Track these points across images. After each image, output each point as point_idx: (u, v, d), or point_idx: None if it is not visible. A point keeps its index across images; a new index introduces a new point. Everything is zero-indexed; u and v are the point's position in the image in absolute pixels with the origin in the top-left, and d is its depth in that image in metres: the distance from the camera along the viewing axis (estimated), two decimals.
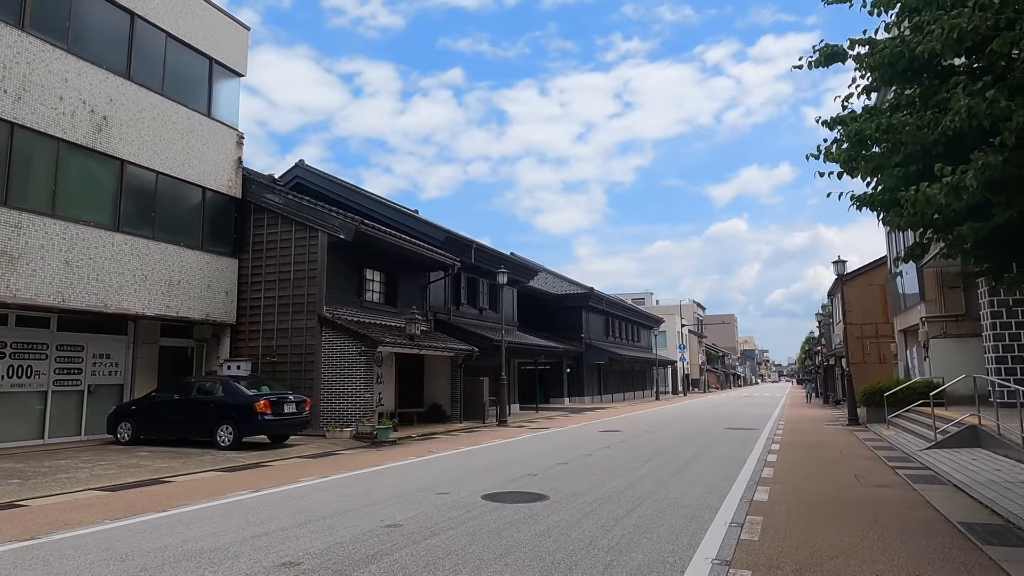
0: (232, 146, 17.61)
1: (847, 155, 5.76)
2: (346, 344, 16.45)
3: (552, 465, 10.67)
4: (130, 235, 14.56)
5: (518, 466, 10.61)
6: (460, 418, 20.95)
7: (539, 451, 13.01)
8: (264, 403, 12.91)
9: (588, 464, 10.80)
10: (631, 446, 13.70)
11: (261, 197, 17.81)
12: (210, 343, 17.58)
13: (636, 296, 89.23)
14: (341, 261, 17.77)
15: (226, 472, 10.64)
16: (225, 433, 12.97)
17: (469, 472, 10.05)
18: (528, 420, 23.48)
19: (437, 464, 11.27)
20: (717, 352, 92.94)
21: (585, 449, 13.16)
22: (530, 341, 27.89)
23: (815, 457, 12.01)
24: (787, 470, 10.20)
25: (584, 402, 37.92)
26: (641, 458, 11.58)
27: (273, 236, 17.65)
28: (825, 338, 44.19)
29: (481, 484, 8.79)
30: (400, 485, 8.86)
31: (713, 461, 11.16)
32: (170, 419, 13.61)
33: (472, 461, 11.54)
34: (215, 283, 16.79)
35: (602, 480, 9.07)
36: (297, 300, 17.08)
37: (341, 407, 16.26)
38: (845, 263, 21.86)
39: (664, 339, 64.56)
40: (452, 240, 23.39)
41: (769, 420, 22.00)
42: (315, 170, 25.24)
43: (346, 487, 8.80)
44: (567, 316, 39.17)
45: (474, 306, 26.16)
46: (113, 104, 14.33)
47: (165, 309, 15.29)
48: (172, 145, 15.75)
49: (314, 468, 11.01)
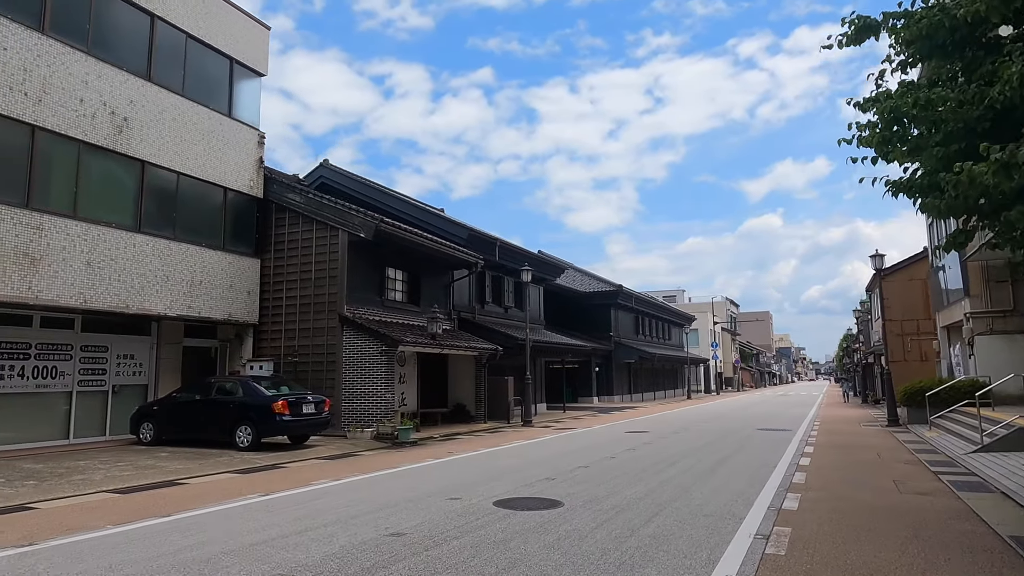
0: (253, 146, 17.59)
1: (881, 137, 5.28)
2: (367, 344, 16.29)
3: (572, 468, 10.30)
4: (151, 236, 14.59)
5: (537, 469, 10.27)
6: (484, 418, 20.67)
7: (561, 453, 12.64)
8: (282, 403, 12.78)
9: (610, 467, 10.40)
10: (657, 448, 13.24)
11: (282, 196, 17.76)
12: (233, 343, 17.60)
13: (667, 294, 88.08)
14: (362, 260, 17.62)
15: (240, 474, 10.50)
16: (244, 434, 12.88)
17: (486, 475, 9.74)
18: (554, 420, 23.10)
19: (455, 466, 10.99)
20: (751, 350, 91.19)
21: (609, 451, 12.75)
22: (556, 340, 27.49)
23: (851, 461, 11.41)
24: (820, 475, 9.66)
25: (613, 401, 37.37)
26: (666, 461, 11.13)
27: (295, 235, 17.58)
28: (863, 335, 42.86)
29: (496, 488, 8.47)
30: (413, 489, 8.59)
31: (742, 465, 10.65)
32: (190, 420, 13.58)
33: (491, 463, 11.23)
34: (237, 283, 16.77)
35: (623, 485, 8.67)
36: (318, 300, 16.97)
37: (362, 407, 16.11)
38: (883, 257, 20.98)
39: (696, 337, 63.49)
40: (476, 238, 23.12)
41: (804, 420, 21.26)
42: (339, 169, 25.22)
43: (357, 491, 8.56)
44: (596, 314, 38.65)
45: (499, 305, 25.87)
46: (134, 105, 14.37)
47: (187, 309, 15.30)
48: (193, 146, 15.76)
49: (330, 470, 10.81)
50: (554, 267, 29.85)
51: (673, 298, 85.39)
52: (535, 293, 29.00)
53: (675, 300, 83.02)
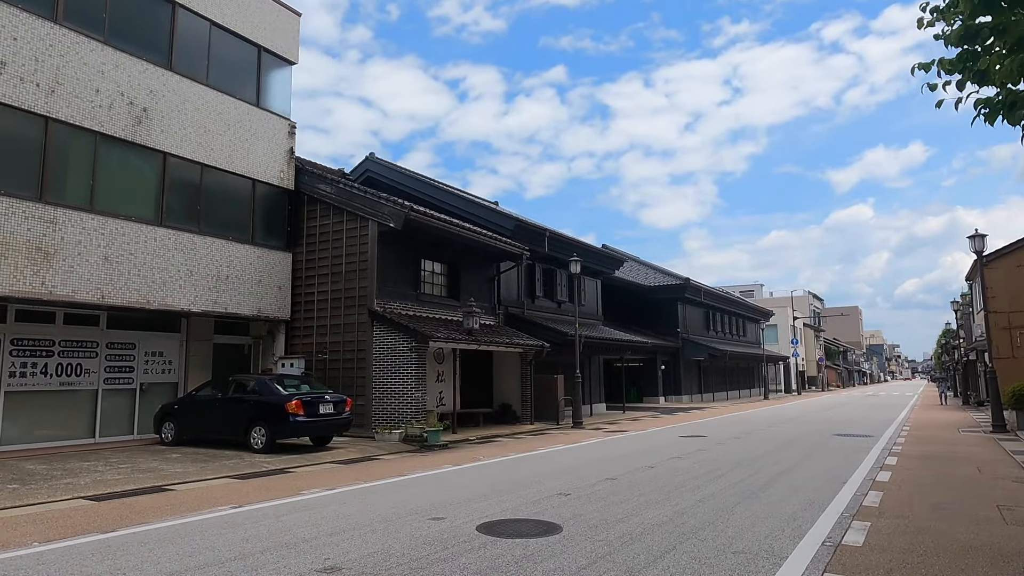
0: (284, 136, 17.01)
1: (961, 33, 3.68)
2: (397, 340, 15.36)
3: (597, 481, 8.91)
4: (174, 229, 14.15)
5: (556, 481, 8.94)
6: (531, 419, 19.42)
7: (595, 460, 11.24)
8: (296, 403, 11.98)
9: (642, 480, 8.95)
10: (708, 457, 11.62)
11: (314, 188, 17.10)
12: (266, 340, 17.09)
13: (745, 288, 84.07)
14: (395, 252, 16.73)
15: (239, 480, 9.71)
16: (258, 435, 12.17)
17: (495, 487, 8.51)
18: (609, 422, 21.58)
19: (469, 475, 9.81)
20: (838, 347, 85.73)
21: (650, 460, 11.25)
22: (613, 335, 25.88)
23: (943, 476, 9.47)
24: (900, 496, 7.89)
25: (681, 402, 35.30)
26: (712, 473, 9.55)
27: (326, 228, 16.88)
28: (964, 330, 38.85)
29: (495, 506, 7.23)
30: (402, 504, 7.46)
31: (803, 480, 8.96)
32: (209, 419, 13.02)
33: (510, 472, 9.99)
34: (266, 278, 16.22)
35: (648, 504, 7.24)
36: (349, 294, 16.19)
37: (392, 407, 15.19)
38: (984, 238, 18.25)
39: (774, 333, 59.93)
40: (522, 228, 21.88)
41: (891, 425, 18.88)
42: (384, 163, 24.56)
43: (340, 505, 7.51)
44: (662, 310, 36.67)
45: (551, 299, 24.53)
46: (154, 96, 13.96)
47: (213, 305, 14.81)
48: (218, 137, 15.28)
49: (335, 477, 9.87)
50: (611, 259, 28.21)
51: (751, 293, 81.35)
52: (591, 287, 27.49)
53: (753, 295, 79.05)
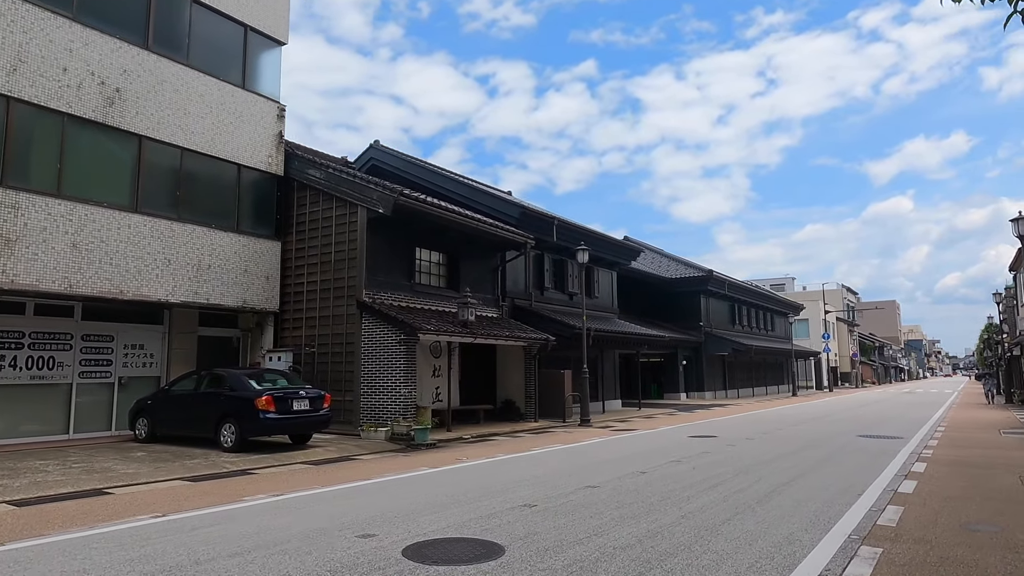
0: (272, 119, 16.26)
1: None
2: (386, 332, 14.51)
3: (574, 489, 7.90)
4: (150, 216, 13.48)
5: (528, 489, 7.95)
6: (535, 416, 18.44)
7: (584, 464, 10.22)
8: (266, 399, 11.19)
9: (627, 489, 7.92)
10: (711, 461, 10.51)
11: (304, 173, 16.32)
12: (254, 333, 16.40)
13: (776, 282, 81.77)
14: (387, 240, 15.88)
15: (189, 482, 8.95)
16: (228, 433, 11.42)
17: (456, 496, 7.56)
18: (620, 419, 20.48)
19: (440, 480, 8.89)
20: (873, 342, 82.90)
21: (646, 463, 10.19)
22: (628, 329, 24.72)
23: (978, 488, 8.23)
24: (926, 513, 6.72)
25: (704, 398, 33.94)
26: (709, 481, 8.47)
27: (315, 215, 16.10)
28: (1008, 324, 36.69)
29: (445, 520, 6.28)
30: (340, 516, 6.56)
31: (813, 490, 7.82)
32: (182, 415, 12.34)
33: (484, 478, 9.03)
34: (253, 267, 15.50)
35: (619, 520, 6.22)
36: (338, 284, 15.39)
37: (381, 403, 14.35)
38: None
39: (806, 328, 57.94)
40: (529, 216, 20.87)
41: (924, 425, 17.44)
42: (389, 150, 23.77)
43: (270, 516, 6.64)
44: (684, 303, 35.32)
45: (562, 291, 23.47)
46: (127, 76, 13.28)
47: (193, 296, 14.14)
48: (200, 119, 14.57)
49: (294, 481, 9.04)
50: (627, 250, 27.01)
51: (782, 286, 79.00)
52: (606, 278, 26.35)
53: (784, 288, 76.76)
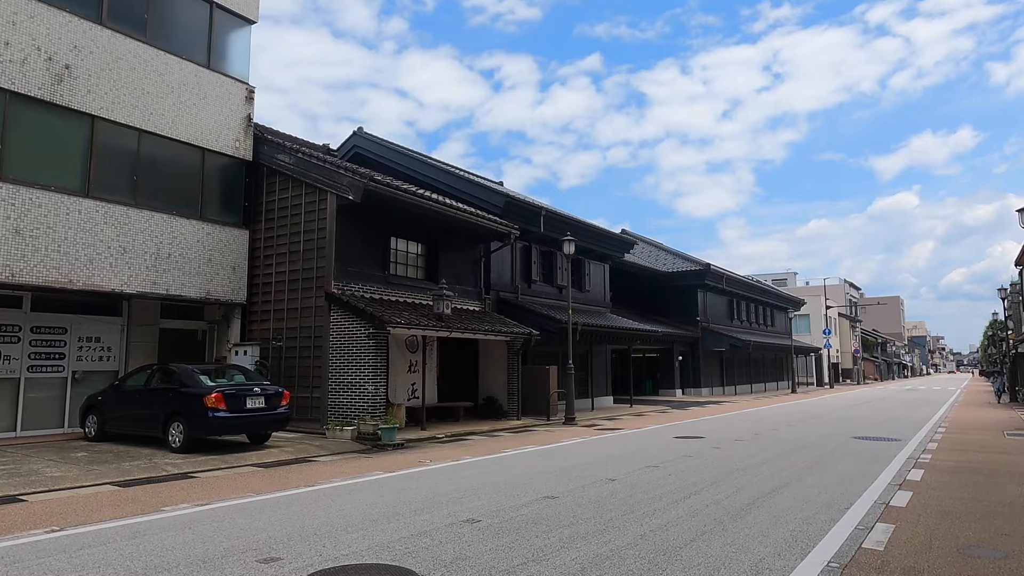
0: (240, 102, 15.46)
1: None
2: (354, 326, 13.75)
3: (529, 501, 7.14)
4: (104, 201, 12.72)
5: (479, 500, 7.19)
6: (518, 414, 17.68)
7: (552, 470, 9.46)
8: (216, 397, 10.43)
9: (588, 500, 7.15)
10: (690, 466, 9.73)
11: (273, 158, 15.54)
12: (220, 325, 15.65)
13: (777, 277, 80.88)
14: (360, 229, 15.10)
15: (119, 488, 8.23)
16: (176, 432, 10.68)
17: (397, 508, 6.81)
18: (608, 417, 19.71)
19: (389, 486, 8.13)
20: (876, 339, 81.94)
21: (620, 468, 9.42)
22: (620, 324, 23.92)
23: (980, 500, 7.44)
24: (919, 533, 5.94)
25: (700, 395, 33.16)
26: (683, 491, 7.69)
27: (284, 202, 15.33)
28: (1013, 320, 35.80)
29: (369, 539, 5.53)
30: (255, 532, 5.81)
31: (794, 503, 7.04)
32: (130, 412, 11.60)
33: (439, 485, 8.27)
34: (218, 257, 14.74)
35: (568, 541, 5.45)
36: (307, 275, 14.63)
37: (349, 401, 13.61)
38: None
39: (807, 323, 57.07)
40: (515, 206, 20.06)
41: (924, 426, 16.63)
42: (373, 137, 22.95)
43: (177, 531, 5.89)
44: (680, 297, 34.53)
45: (551, 284, 22.67)
46: (78, 52, 12.50)
47: (151, 286, 13.39)
48: (159, 100, 13.79)
49: (233, 487, 8.31)
50: (620, 242, 26.17)
51: (784, 281, 78.09)
52: (598, 271, 25.54)
53: (786, 283, 75.89)
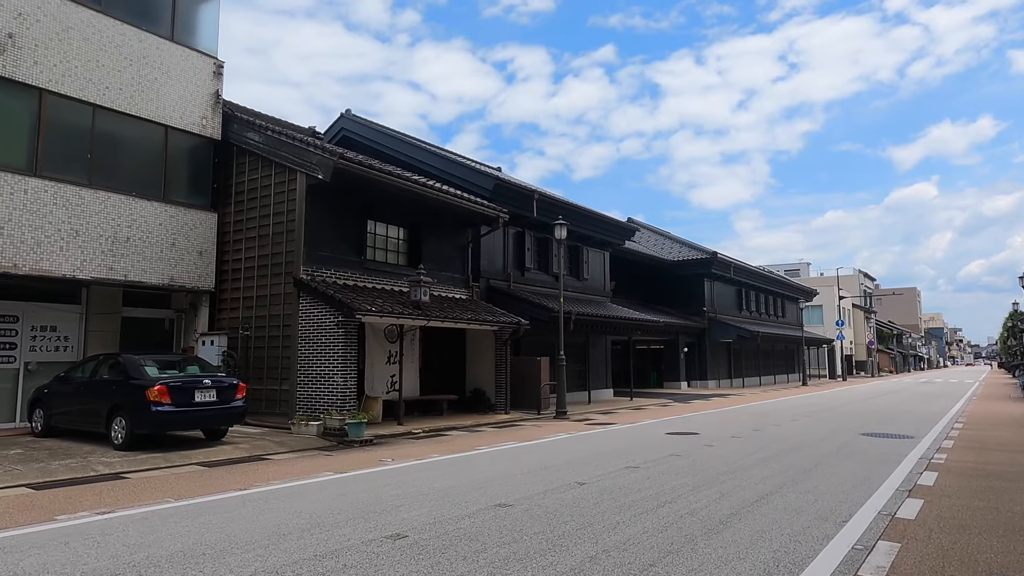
0: (207, 77, 14.58)
1: None
2: (323, 314, 12.87)
3: (479, 509, 6.20)
4: (53, 181, 11.89)
5: (418, 509, 6.27)
6: (506, 408, 16.75)
7: (519, 472, 8.52)
8: (159, 390, 9.57)
9: (546, 510, 6.20)
10: (675, 467, 8.75)
11: (243, 137, 14.65)
12: (188, 314, 14.83)
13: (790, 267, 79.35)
14: (333, 211, 14.20)
15: (34, 491, 7.44)
16: (119, 427, 9.85)
17: (319, 519, 5.91)
18: (604, 411, 18.75)
19: (329, 490, 7.24)
20: (892, 330, 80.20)
21: (596, 470, 8.47)
22: (619, 313, 22.91)
23: (1002, 512, 6.40)
24: (929, 556, 4.94)
25: (707, 387, 32.10)
26: (659, 497, 6.73)
27: (254, 183, 14.44)
28: None
29: (264, 560, 4.64)
30: (136, 551, 4.94)
31: (783, 514, 6.06)
32: (75, 406, 10.79)
33: (384, 489, 7.37)
34: (182, 241, 13.90)
35: (499, 565, 4.52)
36: (276, 260, 13.75)
37: (318, 393, 12.75)
38: None
39: (819, 314, 55.68)
40: (505, 189, 19.06)
41: (940, 421, 15.52)
42: (361, 120, 22.06)
43: (56, 547, 5.03)
44: (686, 287, 33.41)
45: (546, 271, 21.69)
46: (23, 20, 11.65)
47: (108, 272, 12.57)
48: (116, 74, 12.93)
49: (160, 490, 7.47)
50: (620, 228, 25.10)
51: (797, 272, 76.57)
52: (596, 259, 24.51)
53: (799, 274, 74.38)
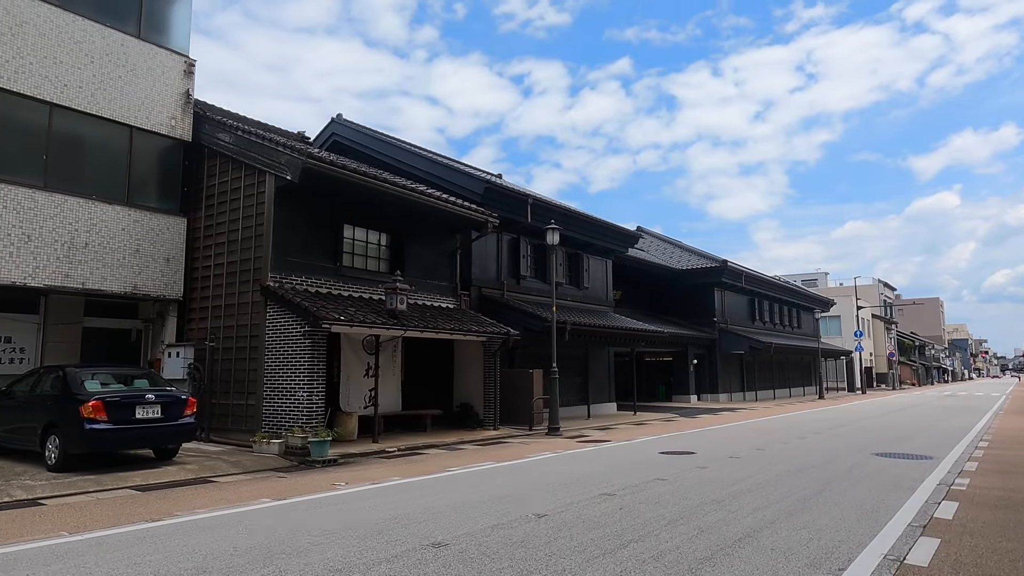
0: (177, 76, 13.93)
1: None
2: (291, 323, 12.05)
3: (405, 551, 5.26)
4: (2, 183, 11.24)
5: (333, 551, 5.34)
6: (495, 423, 15.79)
7: (479, 500, 7.56)
8: (93, 405, 8.77)
9: (484, 551, 5.25)
10: (657, 494, 7.74)
11: (214, 138, 13.96)
12: (156, 324, 14.09)
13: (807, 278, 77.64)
14: (306, 215, 13.42)
15: None
16: (53, 446, 9.06)
17: (206, 564, 5.01)
18: (602, 427, 17.71)
19: (246, 524, 6.35)
20: (914, 341, 78.05)
21: (563, 499, 7.49)
22: (621, 324, 21.89)
23: None
24: None
25: (718, 401, 30.86)
26: (624, 535, 5.74)
27: (224, 186, 13.73)
28: None
29: None
30: None
31: (767, 560, 5.06)
32: (11, 423, 10.02)
33: (312, 521, 6.46)
34: (148, 247, 13.19)
35: None
36: (244, 267, 12.99)
37: (285, 409, 11.89)
38: None
39: (837, 325, 54.14)
40: (497, 193, 18.22)
41: (963, 439, 14.30)
42: (352, 125, 21.37)
43: None
44: (695, 296, 32.29)
45: (544, 280, 20.75)
46: None
47: (63, 279, 11.87)
48: (76, 71, 12.30)
49: (61, 521, 6.64)
50: (623, 235, 24.11)
51: (814, 282, 74.85)
52: (598, 267, 23.55)
53: (816, 284, 72.69)
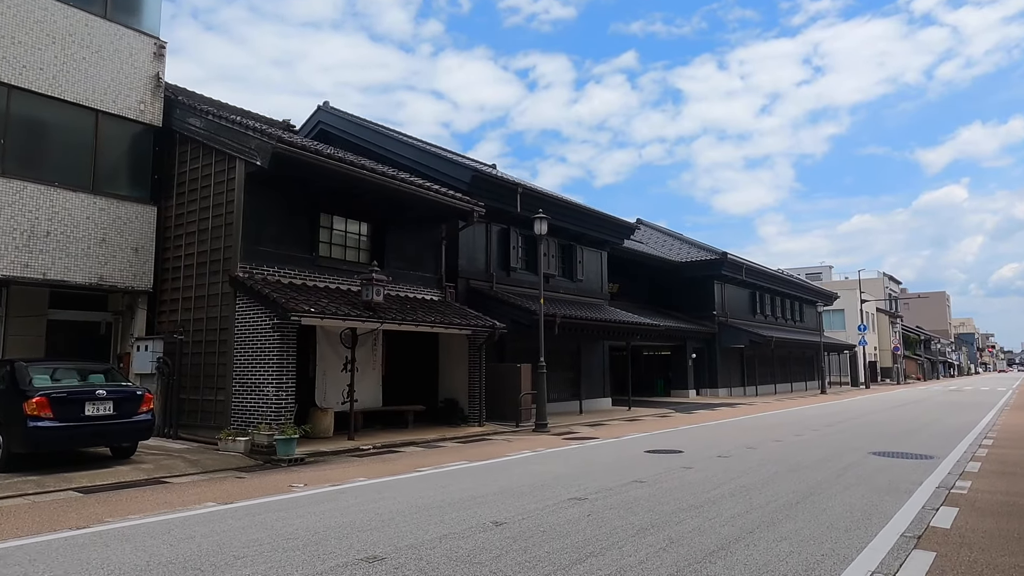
0: (147, 58, 13.38)
1: None
2: (260, 316, 11.52)
3: (341, 564, 4.73)
4: None
5: (263, 565, 4.82)
6: (480, 419, 15.26)
7: (441, 504, 7.02)
8: (37, 402, 8.26)
9: (425, 565, 4.71)
10: (631, 498, 7.19)
11: (185, 123, 13.41)
12: (125, 316, 13.59)
13: (811, 271, 76.88)
14: (279, 203, 12.87)
15: None
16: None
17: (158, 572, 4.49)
18: (593, 423, 17.17)
19: (175, 532, 5.83)
20: (919, 336, 77.19)
21: (529, 503, 6.94)
22: (616, 317, 21.30)
23: None
24: None
25: (717, 395, 30.29)
26: (586, 546, 5.20)
27: (195, 172, 13.18)
28: None
29: None
30: None
31: (743, 573, 4.50)
32: None
33: (246, 532, 5.93)
34: (114, 236, 12.67)
35: None
36: (214, 257, 12.45)
37: (253, 405, 11.37)
38: None
39: (841, 319, 53.42)
40: (484, 181, 17.64)
41: (966, 436, 13.70)
42: (339, 113, 20.81)
43: None
44: (695, 289, 31.67)
45: (535, 272, 20.16)
46: None
47: (22, 269, 11.37)
48: (36, 52, 11.77)
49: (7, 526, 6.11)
50: (616, 226, 23.49)
51: (818, 275, 74.11)
52: (592, 259, 22.96)
53: (820, 277, 71.96)
